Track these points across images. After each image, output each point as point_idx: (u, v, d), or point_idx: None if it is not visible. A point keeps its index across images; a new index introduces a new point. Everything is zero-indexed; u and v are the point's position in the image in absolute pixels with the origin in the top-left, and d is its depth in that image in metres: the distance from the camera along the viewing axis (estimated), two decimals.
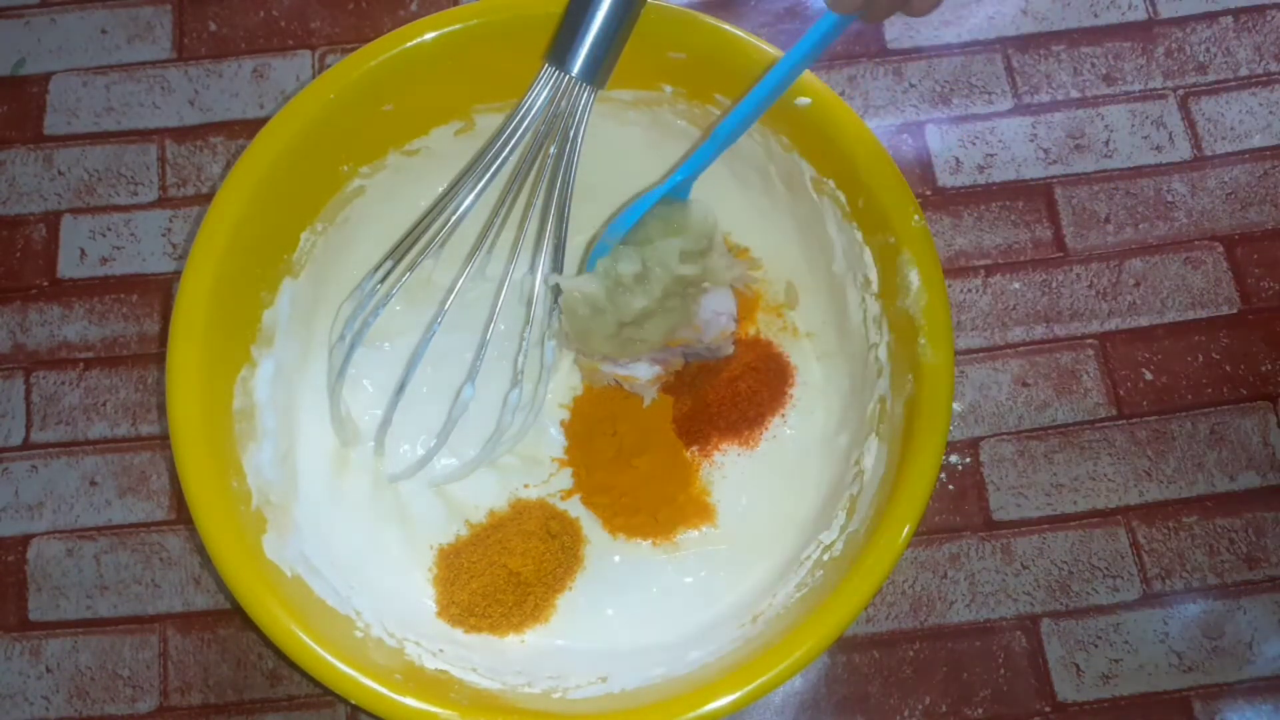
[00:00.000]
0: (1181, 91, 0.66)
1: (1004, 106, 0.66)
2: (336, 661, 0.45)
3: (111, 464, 0.60)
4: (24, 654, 0.57)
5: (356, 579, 0.53)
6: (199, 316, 0.49)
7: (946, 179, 0.64)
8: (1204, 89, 0.66)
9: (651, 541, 0.56)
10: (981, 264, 0.63)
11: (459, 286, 0.53)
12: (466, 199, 0.52)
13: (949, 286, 0.51)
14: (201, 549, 0.58)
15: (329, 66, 0.58)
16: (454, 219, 0.52)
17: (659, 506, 0.56)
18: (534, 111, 0.51)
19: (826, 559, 0.50)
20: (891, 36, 0.67)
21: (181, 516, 0.59)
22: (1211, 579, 0.57)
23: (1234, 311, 0.61)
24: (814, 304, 0.59)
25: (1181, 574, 0.57)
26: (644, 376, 0.55)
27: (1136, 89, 0.66)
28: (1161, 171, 0.64)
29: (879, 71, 0.66)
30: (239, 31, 0.68)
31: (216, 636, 0.57)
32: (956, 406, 0.60)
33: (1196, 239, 0.63)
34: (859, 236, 0.53)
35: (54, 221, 0.64)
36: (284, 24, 0.68)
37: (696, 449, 0.57)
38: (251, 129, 0.52)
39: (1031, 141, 0.65)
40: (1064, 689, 0.56)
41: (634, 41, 0.52)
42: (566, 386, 0.59)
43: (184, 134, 0.66)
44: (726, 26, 0.53)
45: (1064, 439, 0.59)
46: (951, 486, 0.59)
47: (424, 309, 0.58)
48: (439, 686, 0.48)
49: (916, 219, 0.50)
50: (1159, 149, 0.64)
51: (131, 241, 0.64)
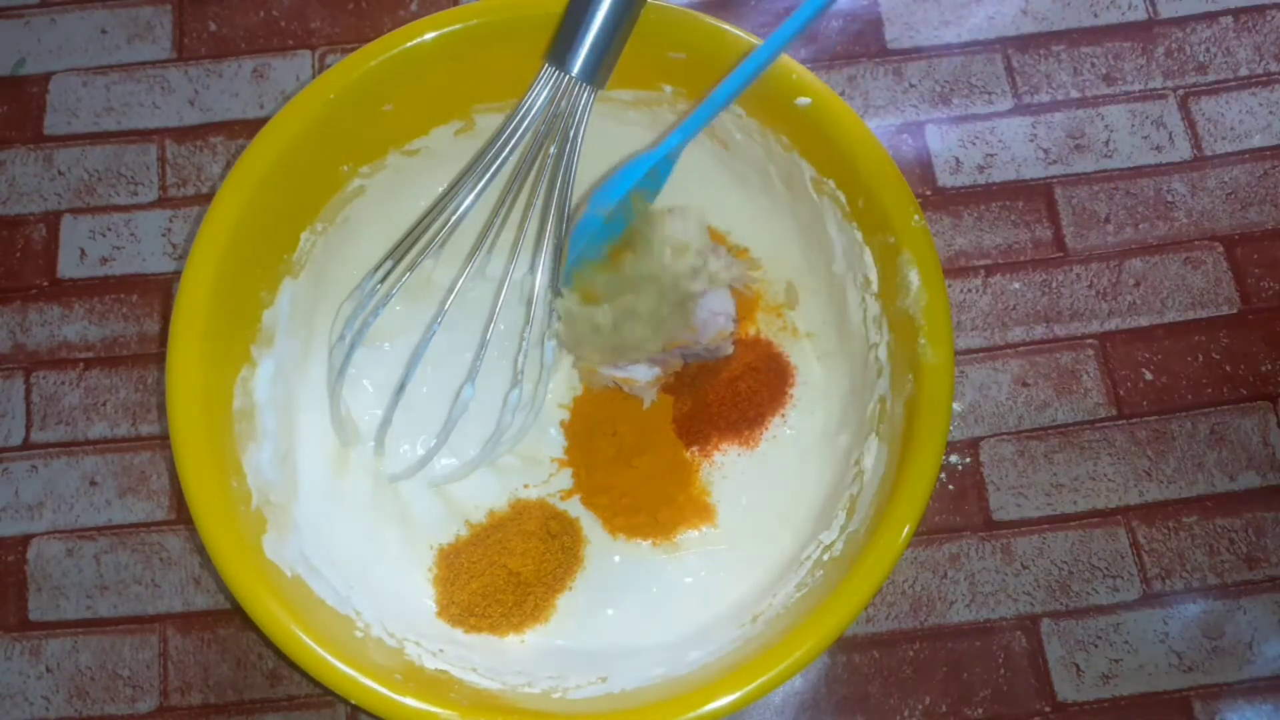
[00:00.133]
0: (1181, 91, 0.66)
1: (1004, 106, 0.66)
2: (336, 661, 0.45)
3: (111, 464, 0.60)
4: (24, 654, 0.57)
5: (356, 579, 0.53)
6: (199, 316, 0.49)
7: (946, 179, 0.64)
8: (1204, 89, 0.66)
9: (651, 542, 0.56)
10: (981, 264, 0.63)
11: (459, 286, 0.53)
12: (466, 199, 0.52)
13: (949, 286, 0.51)
14: (201, 549, 0.58)
15: (329, 66, 0.58)
16: (454, 219, 0.52)
17: (659, 507, 0.56)
18: (534, 111, 0.51)
19: (826, 559, 0.50)
20: (891, 36, 0.67)
21: (181, 516, 0.59)
22: (1211, 579, 0.57)
23: (1234, 311, 0.61)
24: (814, 304, 0.59)
25: (1181, 574, 0.57)
26: (643, 378, 0.55)
27: (1136, 89, 0.66)
28: (1161, 171, 0.64)
29: (879, 71, 0.66)
30: (239, 31, 0.68)
31: (216, 636, 0.57)
32: (956, 406, 0.60)
33: (1196, 239, 0.63)
34: (859, 236, 0.53)
35: (54, 221, 0.64)
36: (284, 24, 0.68)
37: (696, 449, 0.57)
38: (251, 129, 0.52)
39: (1031, 141, 0.65)
40: (1064, 689, 0.56)
41: (634, 41, 0.52)
42: (566, 387, 0.59)
43: (184, 134, 0.66)
44: (726, 26, 0.53)
45: (1064, 439, 0.59)
46: (951, 486, 0.59)
47: (424, 309, 0.58)
48: (439, 686, 0.48)
49: (916, 219, 0.50)
50: (1159, 149, 0.64)
51: (131, 241, 0.64)
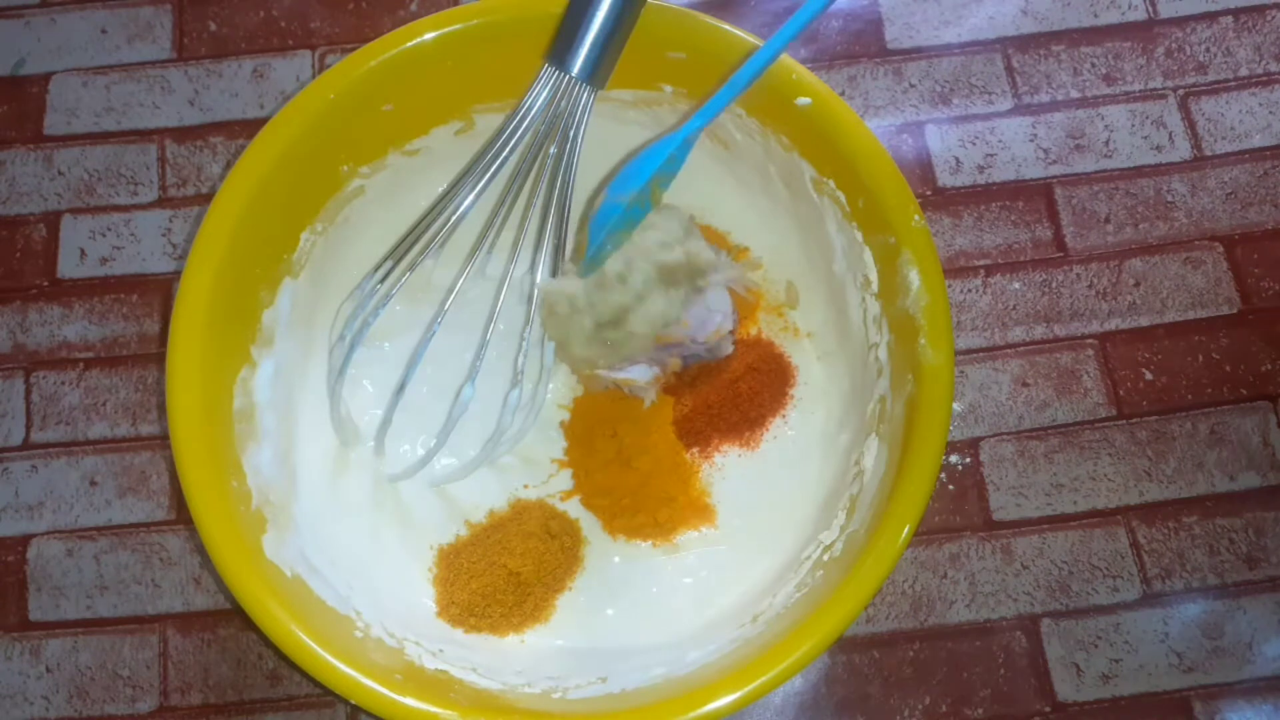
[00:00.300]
0: (1181, 91, 0.66)
1: (1004, 106, 0.66)
2: (336, 662, 0.45)
3: (111, 464, 0.60)
4: (24, 654, 0.57)
5: (356, 579, 0.53)
6: (199, 316, 0.49)
7: (946, 179, 0.64)
8: (1204, 89, 0.66)
9: (651, 542, 0.56)
10: (981, 264, 0.63)
11: (459, 286, 0.53)
12: (466, 199, 0.52)
13: (949, 286, 0.51)
14: (201, 549, 0.58)
15: (329, 66, 0.58)
16: (454, 219, 0.52)
17: (659, 507, 0.56)
18: (534, 111, 0.51)
19: (826, 559, 0.50)
20: (891, 36, 0.67)
21: (181, 516, 0.59)
22: (1211, 579, 0.57)
23: (1234, 311, 0.61)
24: (814, 304, 0.59)
25: (1181, 574, 0.57)
26: (642, 379, 0.55)
27: (1136, 89, 0.66)
28: (1161, 171, 0.64)
29: (879, 71, 0.66)
30: (239, 31, 0.68)
31: (216, 636, 0.57)
32: (956, 406, 0.60)
33: (1196, 239, 0.63)
34: (859, 237, 0.53)
35: (54, 221, 0.64)
36: (284, 24, 0.68)
37: (697, 450, 0.57)
38: (251, 129, 0.52)
39: (1031, 141, 0.65)
40: (1064, 689, 0.56)
41: (634, 41, 0.52)
42: (567, 387, 0.59)
43: (184, 134, 0.66)
44: (726, 26, 0.53)
45: (1064, 439, 0.59)
46: (952, 486, 0.59)
47: (424, 309, 0.58)
48: (439, 686, 0.48)
49: (916, 219, 0.50)
50: (1159, 149, 0.64)
51: (131, 241, 0.64)
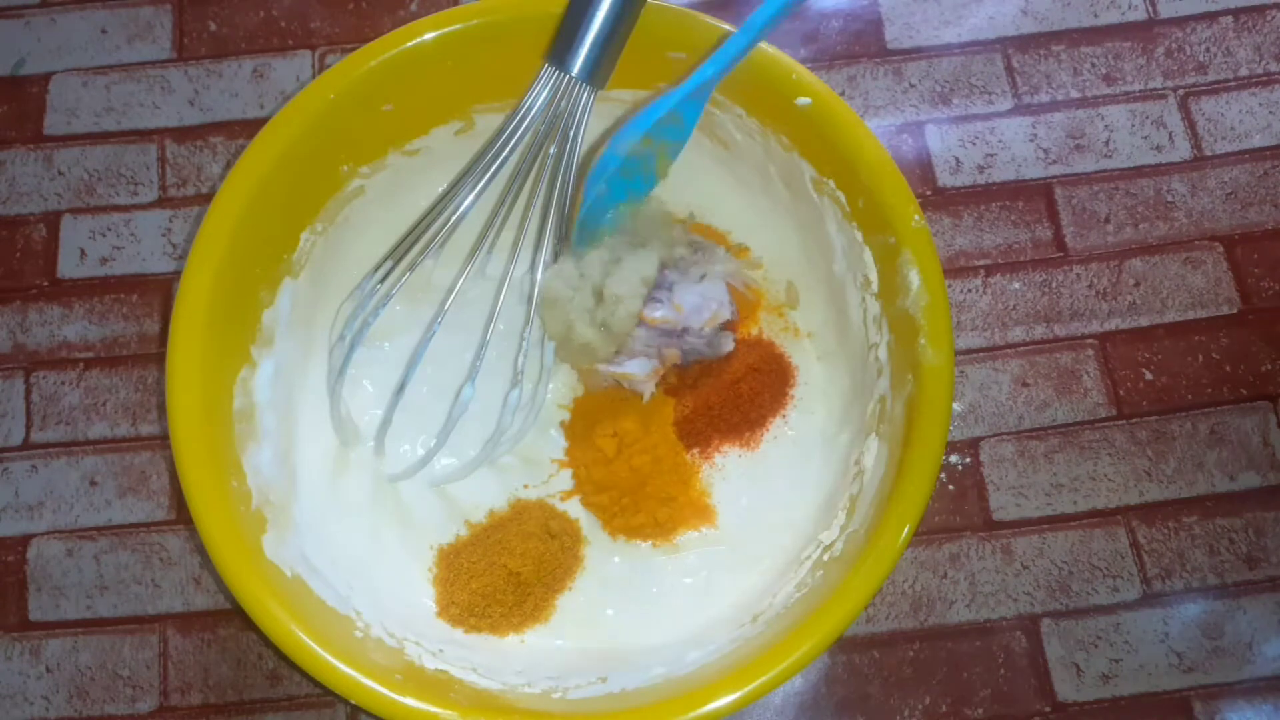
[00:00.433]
0: (1181, 91, 0.66)
1: (1004, 106, 0.66)
2: (336, 662, 0.45)
3: (111, 464, 0.60)
4: (24, 654, 0.57)
5: (356, 579, 0.53)
6: (199, 317, 0.49)
7: (946, 179, 0.64)
8: (1204, 89, 0.66)
9: (651, 542, 0.56)
10: (981, 264, 0.63)
11: (459, 286, 0.53)
12: (466, 199, 0.52)
13: (949, 286, 0.51)
14: (201, 549, 0.58)
15: (329, 66, 0.58)
16: (454, 219, 0.52)
17: (659, 507, 0.56)
18: (534, 112, 0.51)
19: (826, 559, 0.50)
20: (891, 36, 0.67)
21: (181, 516, 0.59)
22: (1211, 579, 0.57)
23: (1234, 311, 0.61)
24: (814, 304, 0.59)
25: (1181, 574, 0.57)
26: (640, 373, 0.55)
27: (1136, 89, 0.66)
28: (1161, 171, 0.64)
29: (879, 71, 0.66)
30: (239, 31, 0.68)
31: (216, 636, 0.57)
32: (956, 406, 0.60)
33: (1196, 239, 0.63)
34: (859, 237, 0.53)
35: (54, 221, 0.64)
36: (284, 24, 0.68)
37: (697, 450, 0.57)
38: (251, 129, 0.52)
39: (1031, 141, 0.65)
40: (1064, 689, 0.56)
41: (634, 41, 0.52)
42: (567, 387, 0.59)
43: (184, 134, 0.66)
44: (726, 26, 0.53)
45: (1064, 439, 0.59)
46: (952, 486, 0.59)
47: (424, 309, 0.58)
48: (439, 686, 0.48)
49: (916, 219, 0.50)
50: (1159, 149, 0.64)
51: (131, 241, 0.64)
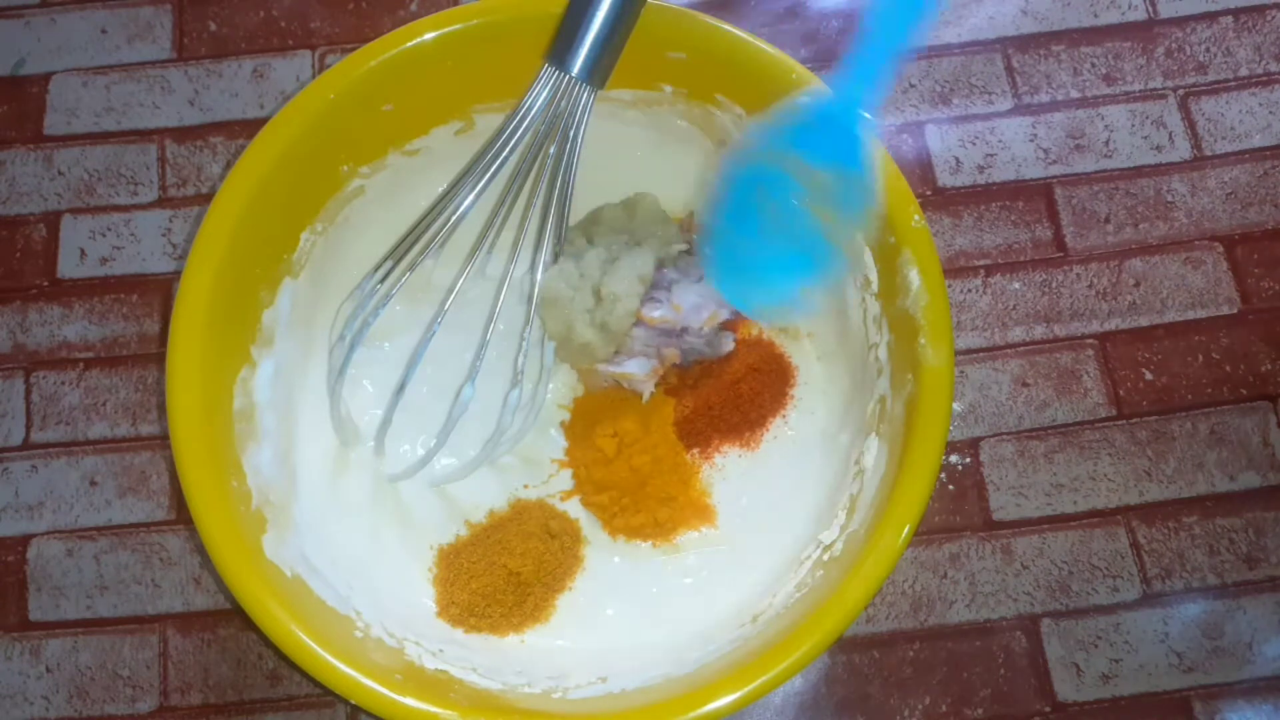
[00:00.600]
0: (1181, 91, 0.66)
1: (1004, 106, 0.66)
2: (336, 662, 0.45)
3: (111, 464, 0.60)
4: (24, 654, 0.57)
5: (356, 579, 0.53)
6: (199, 317, 0.49)
7: (946, 179, 0.64)
8: (1204, 89, 0.66)
9: (651, 542, 0.56)
10: (981, 264, 0.63)
11: (459, 286, 0.53)
12: (466, 199, 0.52)
13: (949, 286, 0.51)
14: (201, 549, 0.58)
15: (329, 66, 0.58)
16: (454, 219, 0.52)
17: (659, 508, 0.56)
18: (534, 111, 0.51)
19: (826, 559, 0.50)
20: None
21: (181, 516, 0.59)
22: (1211, 579, 0.57)
23: (1234, 311, 0.61)
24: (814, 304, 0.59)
25: (1181, 574, 0.57)
26: (640, 372, 0.55)
27: (1136, 89, 0.66)
28: (1161, 171, 0.64)
29: None
30: (239, 31, 0.68)
31: (216, 636, 0.57)
32: (956, 406, 0.60)
33: (1196, 239, 0.63)
34: (859, 237, 0.53)
35: (54, 221, 0.64)
36: (284, 24, 0.68)
37: (697, 451, 0.57)
38: (251, 129, 0.52)
39: (1031, 141, 0.65)
40: (1064, 689, 0.56)
41: (634, 41, 0.52)
42: (566, 387, 0.59)
43: (184, 134, 0.66)
44: (726, 26, 0.53)
45: (1064, 439, 0.59)
46: (951, 486, 0.59)
47: (424, 309, 0.58)
48: (439, 686, 0.48)
49: (916, 219, 0.50)
50: (1159, 149, 0.64)
51: (131, 241, 0.64)
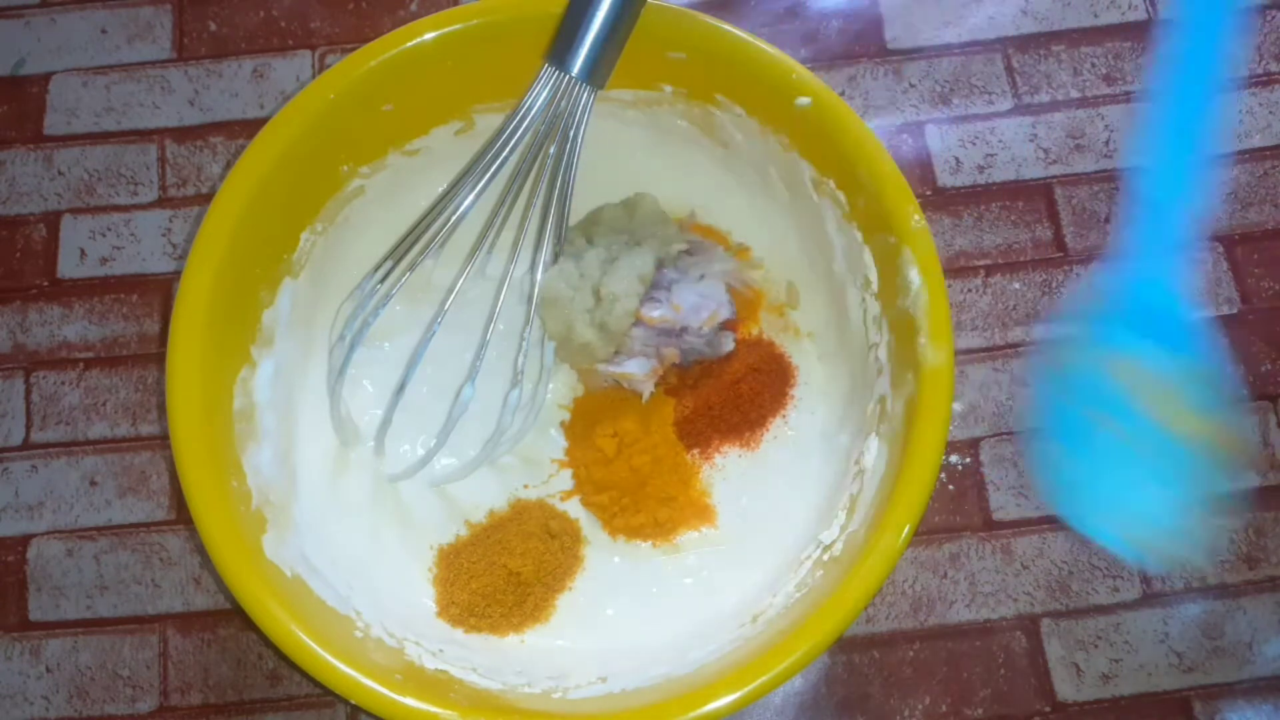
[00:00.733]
0: None
1: (1004, 106, 0.66)
2: (336, 662, 0.45)
3: (111, 464, 0.60)
4: (24, 654, 0.57)
5: (356, 579, 0.53)
6: (199, 317, 0.49)
7: (946, 179, 0.64)
8: None
9: (652, 542, 0.56)
10: (981, 264, 0.63)
11: (459, 286, 0.53)
12: (466, 199, 0.52)
13: (949, 286, 0.51)
14: (201, 549, 0.58)
15: (329, 66, 0.58)
16: (454, 219, 0.52)
17: (659, 508, 0.56)
18: (534, 112, 0.51)
19: (826, 559, 0.50)
20: (891, 36, 0.67)
21: (181, 516, 0.59)
22: (1211, 579, 0.57)
23: (1234, 311, 0.61)
24: (815, 304, 0.59)
25: (1181, 574, 0.57)
26: (639, 372, 0.55)
27: (1137, 89, 0.66)
28: None
29: (879, 71, 0.66)
30: (239, 32, 0.68)
31: (216, 636, 0.57)
32: (956, 406, 0.60)
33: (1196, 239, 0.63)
34: (859, 237, 0.53)
35: (54, 221, 0.64)
36: (284, 24, 0.68)
37: (697, 451, 0.57)
38: (251, 129, 0.52)
39: (1031, 141, 0.65)
40: (1064, 689, 0.56)
41: (634, 41, 0.52)
42: (566, 387, 0.59)
43: (184, 134, 0.66)
44: (726, 26, 0.53)
45: None
46: (951, 486, 0.59)
47: (424, 309, 0.58)
48: (439, 686, 0.48)
49: (916, 219, 0.50)
50: None
51: (131, 241, 0.64)
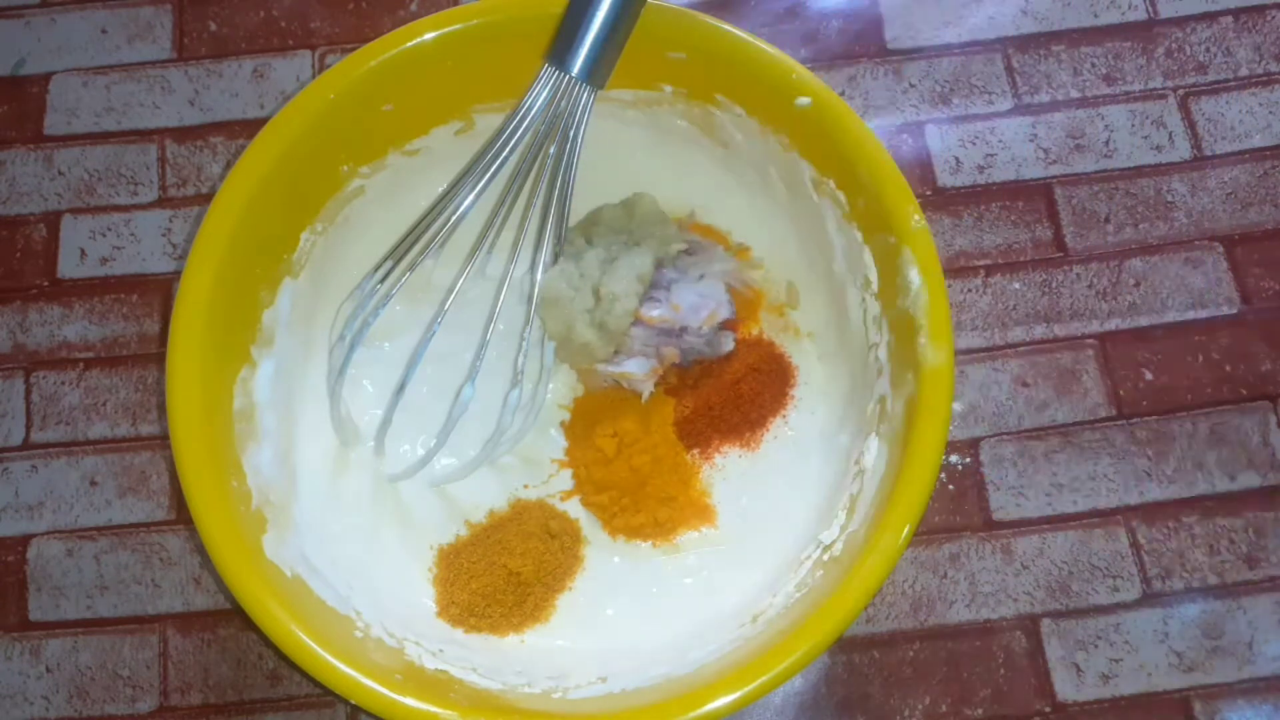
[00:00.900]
0: (1181, 91, 0.66)
1: (1004, 106, 0.66)
2: (336, 662, 0.45)
3: (111, 464, 0.60)
4: (24, 654, 0.57)
5: (356, 579, 0.53)
6: (199, 317, 0.49)
7: (946, 179, 0.64)
8: (1204, 89, 0.66)
9: (651, 542, 0.56)
10: (981, 264, 0.63)
11: (459, 286, 0.53)
12: (466, 199, 0.52)
13: (949, 286, 0.51)
14: (201, 549, 0.58)
15: (329, 67, 0.58)
16: (454, 219, 0.52)
17: (659, 508, 0.56)
18: (534, 112, 0.51)
19: (826, 559, 0.50)
20: (891, 36, 0.67)
21: (181, 516, 0.59)
22: (1211, 579, 0.57)
23: (1234, 311, 0.61)
24: (815, 304, 0.59)
25: (1181, 574, 0.57)
26: (639, 372, 0.55)
27: (1136, 89, 0.66)
28: (1161, 171, 0.64)
29: (879, 71, 0.66)
30: (239, 31, 0.68)
31: (216, 636, 0.57)
32: (956, 406, 0.60)
33: (1196, 239, 0.63)
34: (859, 237, 0.53)
35: (54, 221, 0.64)
36: (284, 24, 0.68)
37: (697, 451, 0.57)
38: (251, 129, 0.53)
39: (1031, 141, 0.65)
40: (1064, 688, 0.56)
41: (633, 41, 0.52)
42: (566, 387, 0.59)
43: (184, 134, 0.66)
44: (726, 27, 0.53)
45: (1064, 439, 0.59)
46: (951, 486, 0.59)
47: (424, 309, 0.58)
48: (439, 686, 0.48)
49: (916, 219, 0.50)
50: (1159, 149, 0.64)
51: (131, 241, 0.64)
